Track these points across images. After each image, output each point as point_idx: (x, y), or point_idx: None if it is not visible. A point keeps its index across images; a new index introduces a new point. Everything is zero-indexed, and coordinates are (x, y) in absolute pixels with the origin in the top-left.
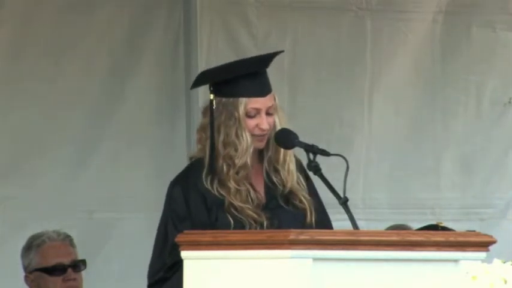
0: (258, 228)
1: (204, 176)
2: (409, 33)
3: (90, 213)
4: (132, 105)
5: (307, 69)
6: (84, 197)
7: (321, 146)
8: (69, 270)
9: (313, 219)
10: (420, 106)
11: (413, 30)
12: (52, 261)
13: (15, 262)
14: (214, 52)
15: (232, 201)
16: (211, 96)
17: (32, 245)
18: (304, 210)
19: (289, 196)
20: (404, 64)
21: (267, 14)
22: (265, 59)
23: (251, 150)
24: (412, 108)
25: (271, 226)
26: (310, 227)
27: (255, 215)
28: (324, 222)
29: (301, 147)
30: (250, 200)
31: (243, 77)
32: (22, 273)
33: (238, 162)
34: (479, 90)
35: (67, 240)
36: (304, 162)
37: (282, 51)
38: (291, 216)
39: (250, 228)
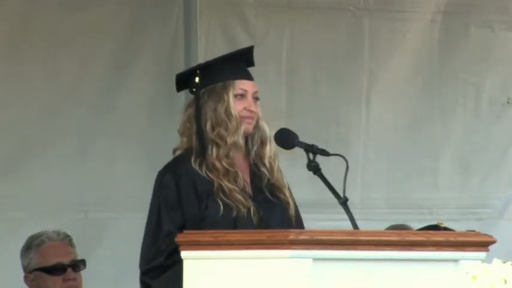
0: (246, 213)
1: (192, 160)
2: (407, 33)
3: (86, 212)
4: (129, 105)
5: (305, 69)
6: (79, 196)
7: (319, 146)
8: (69, 270)
9: (293, 214)
10: (418, 106)
11: (411, 30)
12: (52, 261)
13: (11, 262)
14: (212, 51)
15: (221, 182)
16: (197, 80)
17: (32, 245)
18: (288, 203)
19: (274, 189)
20: (403, 64)
21: (265, 14)
22: (243, 50)
23: (242, 129)
24: (410, 108)
25: (257, 213)
26: (290, 220)
27: (242, 199)
28: (299, 223)
29: (301, 147)
30: (238, 183)
31: (228, 63)
32: (19, 273)
33: (230, 139)
34: (478, 90)
35: (66, 240)
36: (304, 162)
37: (252, 46)
38: (276, 208)
39: (238, 214)
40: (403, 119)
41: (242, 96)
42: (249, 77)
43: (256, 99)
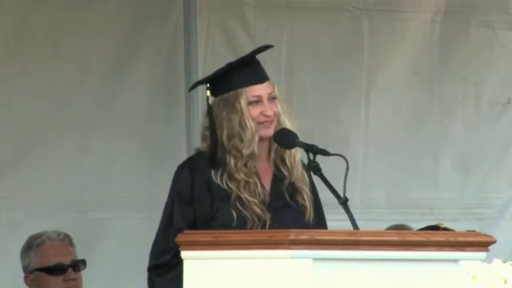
0: (260, 226)
1: (213, 172)
2: (406, 33)
3: (85, 212)
4: (129, 104)
5: (304, 69)
6: (78, 196)
7: (319, 146)
8: (70, 270)
9: (311, 218)
10: (418, 106)
11: (411, 30)
12: (52, 261)
13: (10, 262)
14: (211, 52)
15: (240, 194)
16: (208, 93)
17: (32, 245)
18: (305, 208)
19: (293, 191)
20: (402, 64)
21: (265, 14)
22: (255, 51)
23: (257, 138)
24: (410, 107)
25: (272, 227)
26: (307, 224)
27: (260, 212)
28: (320, 221)
29: (301, 147)
30: (257, 194)
31: (236, 70)
32: (19, 273)
33: (246, 151)
34: (478, 90)
35: (66, 240)
36: (304, 162)
37: (272, 46)
38: (293, 216)
39: (252, 226)
40: (403, 119)
41: (257, 101)
42: (260, 80)
43: (273, 98)
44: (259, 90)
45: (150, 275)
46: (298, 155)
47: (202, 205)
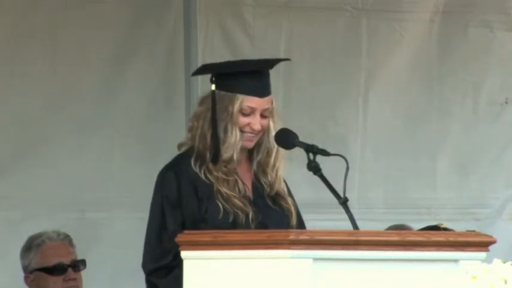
0: (244, 218)
1: (192, 162)
2: (405, 33)
3: (84, 212)
4: (129, 103)
5: (303, 69)
6: (77, 196)
7: (318, 146)
8: (70, 270)
9: (295, 222)
10: (416, 106)
11: (410, 30)
12: (52, 261)
13: (9, 261)
14: (210, 51)
15: (219, 187)
16: (213, 87)
17: (32, 245)
18: (290, 212)
19: (276, 197)
20: (401, 64)
21: (263, 14)
22: (269, 62)
23: (239, 146)
24: (408, 107)
25: (256, 219)
26: (291, 228)
27: (240, 204)
28: (302, 227)
29: (301, 147)
30: (237, 190)
31: (245, 74)
32: (16, 273)
33: (224, 155)
34: (476, 90)
35: (66, 240)
36: (304, 162)
37: (289, 59)
38: (278, 216)
39: (235, 218)
40: (401, 119)
41: (249, 113)
42: (261, 94)
43: (265, 117)
44: (256, 103)
45: (151, 278)
46: (281, 169)
47: (190, 208)
